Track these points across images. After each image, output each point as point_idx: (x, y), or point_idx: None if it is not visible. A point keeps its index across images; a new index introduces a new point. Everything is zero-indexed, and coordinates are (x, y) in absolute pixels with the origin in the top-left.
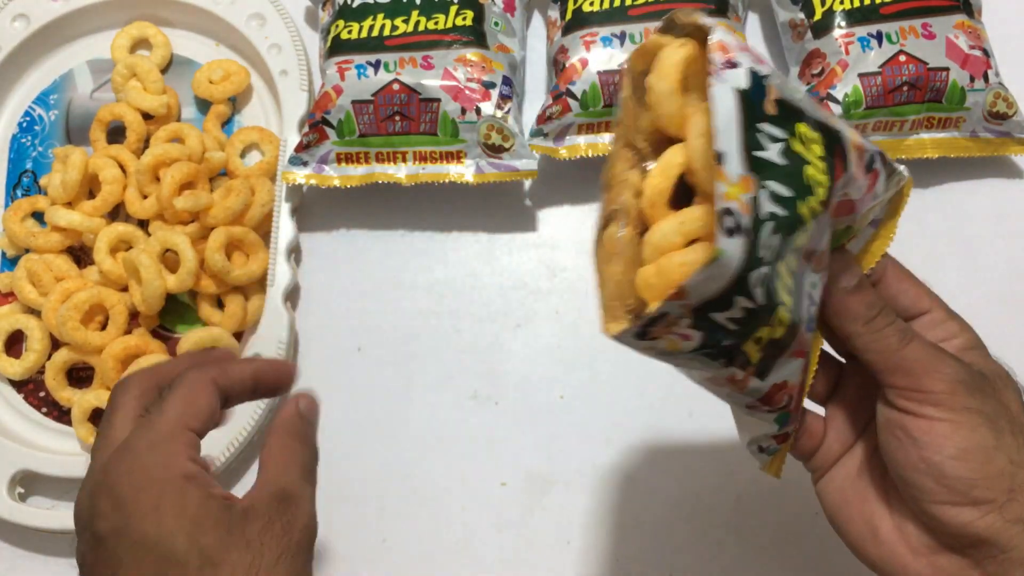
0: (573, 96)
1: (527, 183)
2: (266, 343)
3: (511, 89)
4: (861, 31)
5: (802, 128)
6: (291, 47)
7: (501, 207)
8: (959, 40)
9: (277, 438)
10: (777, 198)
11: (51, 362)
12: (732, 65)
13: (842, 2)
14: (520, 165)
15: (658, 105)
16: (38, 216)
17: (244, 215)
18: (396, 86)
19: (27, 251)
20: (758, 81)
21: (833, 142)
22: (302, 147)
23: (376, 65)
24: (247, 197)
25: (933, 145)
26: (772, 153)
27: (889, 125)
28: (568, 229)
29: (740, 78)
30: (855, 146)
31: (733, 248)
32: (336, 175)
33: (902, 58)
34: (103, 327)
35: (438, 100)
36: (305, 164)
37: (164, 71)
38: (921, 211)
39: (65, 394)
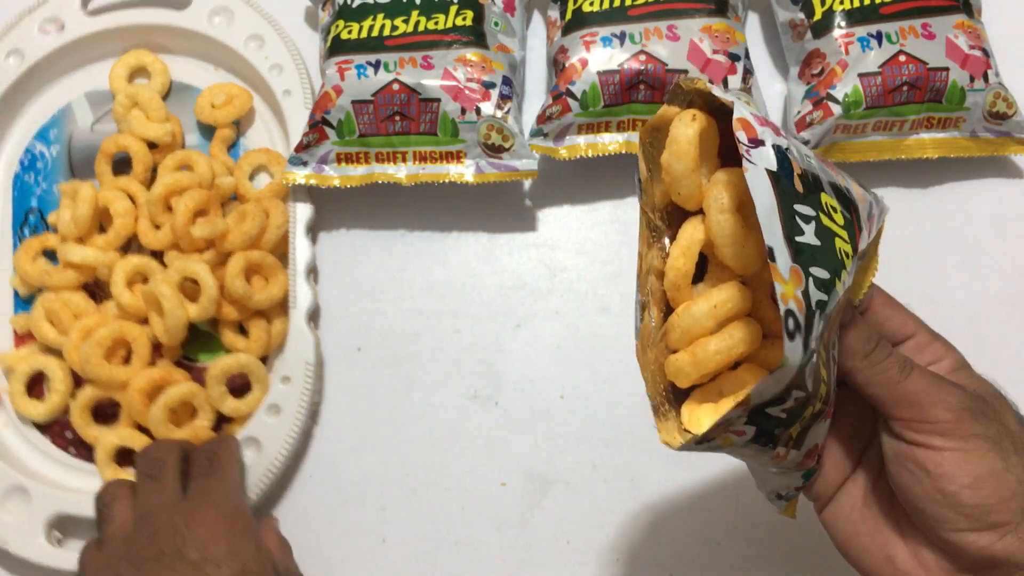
0: (573, 96)
1: (527, 183)
2: (292, 365)
3: (511, 89)
4: (861, 31)
5: (825, 198)
6: (292, 66)
7: (501, 207)
8: (959, 40)
9: (275, 534)
10: (820, 283)
11: (76, 401)
12: (758, 143)
13: (842, 2)
14: (520, 165)
15: (675, 184)
16: (48, 254)
17: (260, 239)
18: (396, 86)
19: (40, 290)
20: (783, 157)
21: (848, 203)
22: (302, 147)
23: (376, 65)
24: (263, 220)
25: (933, 145)
26: (809, 235)
27: (889, 125)
28: (568, 229)
29: (769, 158)
30: (860, 198)
31: (795, 350)
32: (336, 175)
33: (902, 58)
34: (126, 361)
35: (438, 100)
36: (305, 164)
37: (164, 98)
38: (921, 211)
39: (92, 432)
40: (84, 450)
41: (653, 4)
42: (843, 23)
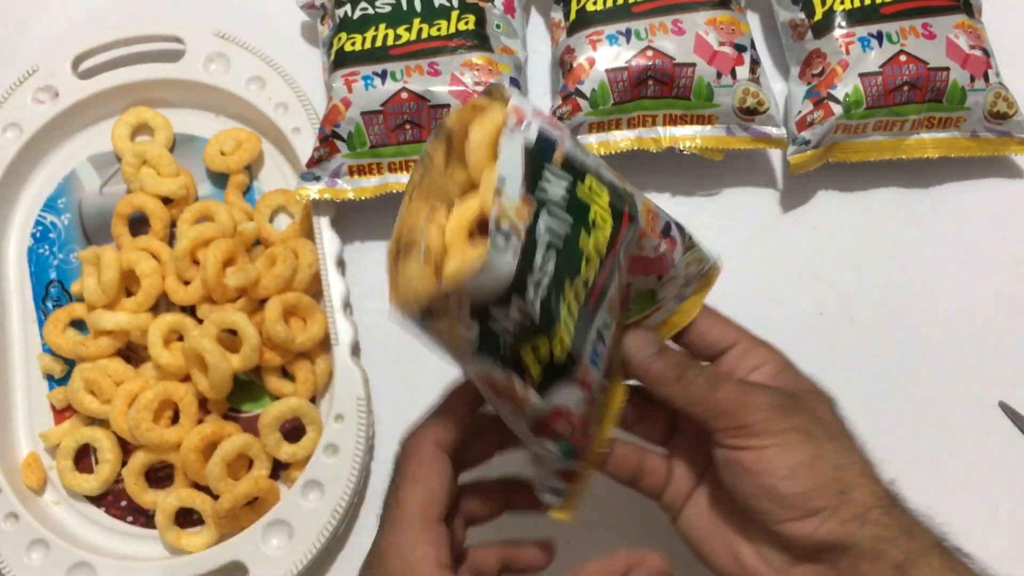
0: (583, 95)
1: None
2: (344, 403)
3: (519, 90)
4: (861, 31)
5: (590, 180)
6: (298, 104)
7: None
8: (959, 40)
9: None
10: (556, 225)
11: (128, 468)
12: (526, 124)
13: (842, 2)
14: None
15: (471, 153)
16: (76, 324)
17: (293, 280)
18: (404, 95)
19: (72, 365)
20: (547, 139)
21: (621, 199)
22: (313, 162)
23: (383, 75)
24: (293, 262)
25: (933, 145)
26: (555, 189)
27: (889, 125)
28: None
29: (529, 136)
30: (647, 209)
31: (500, 259)
32: (350, 188)
33: (902, 58)
34: (173, 422)
35: (447, 106)
36: (317, 179)
37: (170, 152)
38: (921, 211)
39: (149, 497)
40: (142, 516)
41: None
42: (843, 23)
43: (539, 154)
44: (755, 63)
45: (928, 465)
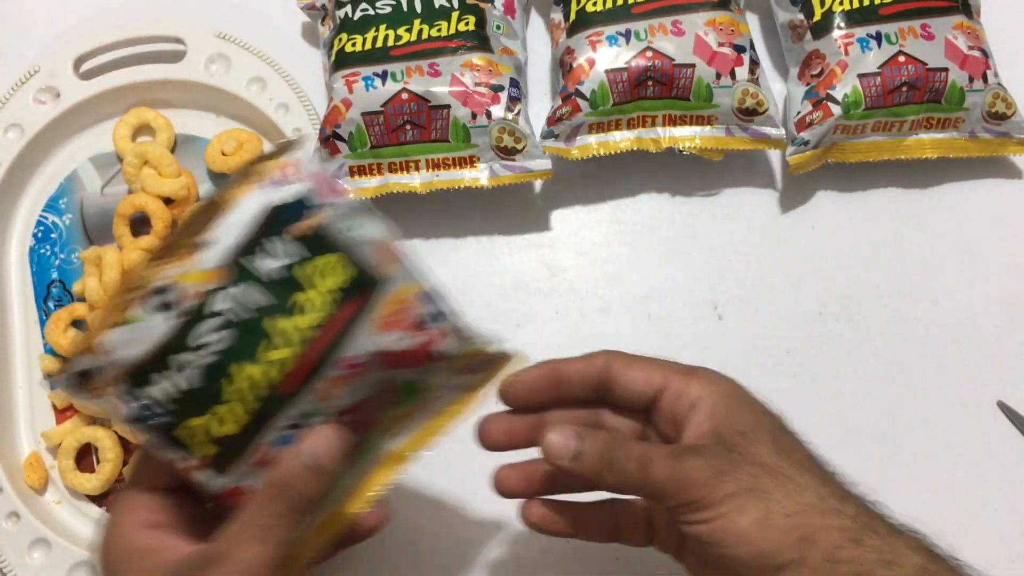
0: (582, 96)
1: (537, 185)
2: None
3: (519, 91)
4: (860, 32)
5: (328, 260)
6: (298, 104)
7: (504, 209)
8: (958, 41)
9: (257, 493)
10: (240, 303)
11: (130, 467)
12: (286, 183)
13: (841, 3)
14: (534, 166)
15: (226, 203)
16: (77, 324)
17: None
18: (405, 95)
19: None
20: (301, 205)
21: (365, 286)
22: None
23: (383, 76)
24: None
25: (932, 145)
26: (261, 265)
27: (888, 125)
28: (568, 229)
29: (282, 196)
30: (399, 300)
31: (154, 322)
32: (350, 188)
33: (901, 59)
34: None
35: (448, 107)
36: None
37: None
38: (921, 211)
39: None
40: None
41: (656, 0)
42: (842, 24)
43: (279, 221)
44: (754, 64)
45: (927, 464)
